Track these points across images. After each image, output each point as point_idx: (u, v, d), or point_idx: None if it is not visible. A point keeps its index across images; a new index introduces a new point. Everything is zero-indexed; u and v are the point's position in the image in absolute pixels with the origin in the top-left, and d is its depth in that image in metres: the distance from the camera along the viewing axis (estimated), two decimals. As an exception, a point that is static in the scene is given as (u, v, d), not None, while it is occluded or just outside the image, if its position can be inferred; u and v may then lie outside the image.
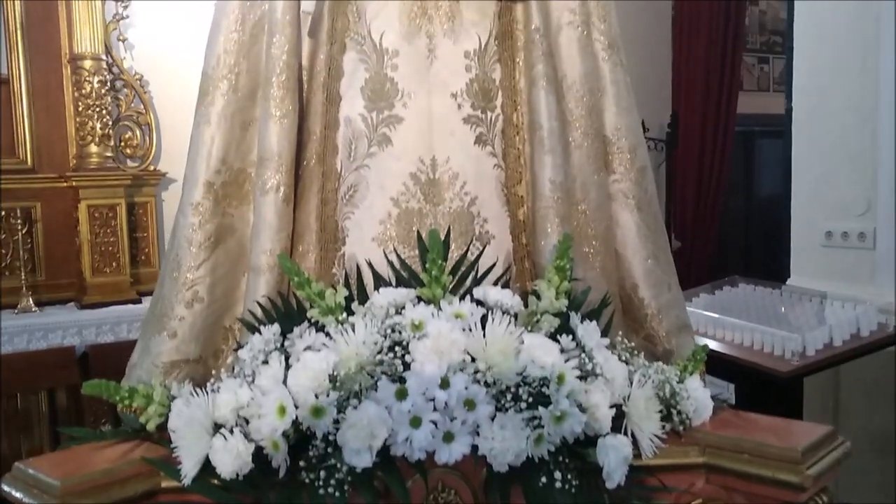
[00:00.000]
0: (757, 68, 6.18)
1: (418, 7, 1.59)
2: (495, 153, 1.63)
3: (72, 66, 3.97)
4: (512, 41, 1.66)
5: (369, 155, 1.57)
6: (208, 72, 1.64)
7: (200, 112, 1.63)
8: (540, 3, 1.64)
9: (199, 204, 1.60)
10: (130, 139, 4.22)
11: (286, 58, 1.58)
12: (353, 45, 1.61)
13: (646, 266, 1.70)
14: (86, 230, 3.94)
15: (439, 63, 1.58)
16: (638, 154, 1.71)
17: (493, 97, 1.64)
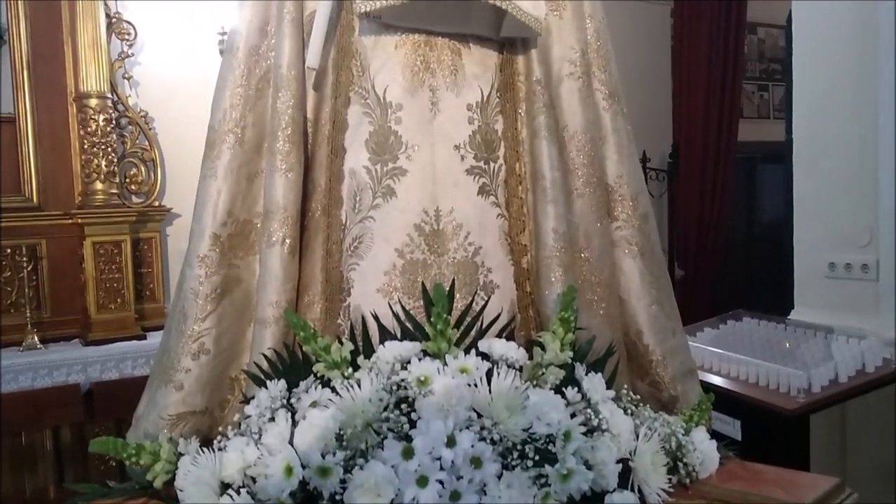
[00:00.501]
0: (757, 96, 6.22)
1: (421, 61, 1.61)
2: (498, 203, 1.65)
3: (77, 104, 4.01)
4: (514, 92, 1.68)
5: (374, 207, 1.59)
6: (215, 126, 1.66)
7: (207, 165, 1.65)
8: (541, 55, 1.66)
9: (205, 256, 1.61)
10: (135, 175, 4.25)
11: (292, 112, 1.60)
12: (358, 99, 1.63)
13: (650, 312, 1.71)
14: (91, 267, 3.96)
15: (442, 116, 1.60)
16: (640, 201, 1.73)
17: (496, 148, 1.66)
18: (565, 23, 1.68)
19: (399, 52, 1.61)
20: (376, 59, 1.62)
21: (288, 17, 1.62)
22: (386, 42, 1.61)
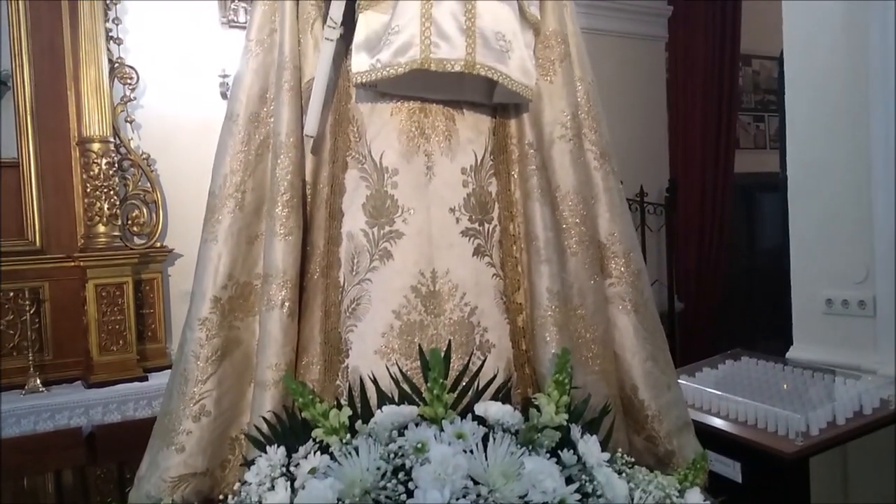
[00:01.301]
0: (753, 126, 6.28)
1: (416, 127, 1.65)
2: (493, 263, 1.68)
3: (80, 148, 4.07)
4: (507, 155, 1.72)
5: (371, 269, 1.62)
6: (215, 191, 1.69)
7: (208, 230, 1.69)
8: (532, 118, 1.70)
9: (206, 319, 1.64)
10: (137, 217, 4.30)
11: (291, 178, 1.64)
12: (355, 164, 1.67)
13: (645, 367, 1.73)
14: (93, 309, 3.99)
15: (438, 180, 1.64)
16: (632, 258, 1.76)
17: (490, 209, 1.69)
18: (556, 87, 1.72)
19: (395, 118, 1.65)
20: (373, 126, 1.66)
21: (286, 86, 1.66)
22: (382, 109, 1.65)
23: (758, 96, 6.32)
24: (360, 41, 1.59)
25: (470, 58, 1.52)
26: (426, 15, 1.51)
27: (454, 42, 1.51)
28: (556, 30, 1.73)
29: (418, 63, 1.52)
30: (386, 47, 1.53)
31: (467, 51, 1.51)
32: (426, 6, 1.52)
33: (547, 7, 1.72)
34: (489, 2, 1.55)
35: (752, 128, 6.29)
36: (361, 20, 1.61)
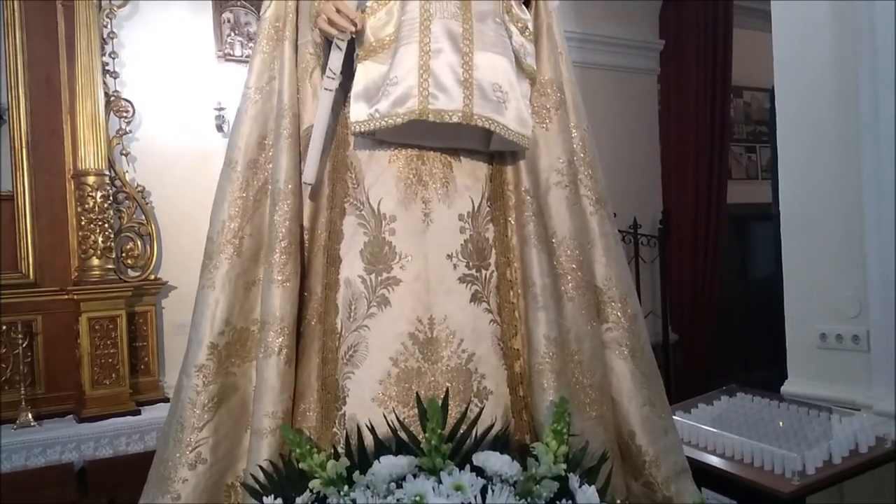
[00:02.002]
0: (745, 157, 6.33)
1: (414, 174, 1.66)
2: (491, 309, 1.69)
3: (75, 181, 4.07)
4: (503, 201, 1.74)
5: (369, 316, 1.62)
6: (213, 237, 1.70)
7: (205, 276, 1.69)
8: (529, 165, 1.72)
9: (203, 366, 1.64)
10: (132, 249, 4.28)
11: (289, 224, 1.65)
12: (353, 210, 1.68)
13: (642, 413, 1.73)
14: (86, 343, 3.96)
15: (435, 226, 1.65)
16: (629, 302, 1.77)
17: (487, 255, 1.70)
18: (552, 134, 1.74)
19: (393, 165, 1.66)
20: (371, 173, 1.67)
21: (285, 133, 1.68)
22: (380, 156, 1.67)
23: (749, 127, 6.38)
24: (359, 91, 1.61)
25: (468, 109, 1.53)
26: (424, 67, 1.53)
27: (452, 94, 1.53)
28: (551, 78, 1.76)
29: (416, 114, 1.53)
30: (384, 97, 1.55)
31: (465, 102, 1.53)
32: (424, 58, 1.54)
33: (543, 56, 1.75)
34: (486, 54, 1.57)
35: (744, 158, 6.34)
36: (360, 70, 1.63)
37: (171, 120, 4.46)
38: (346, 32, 1.60)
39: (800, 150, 3.61)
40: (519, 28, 1.68)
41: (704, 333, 5.38)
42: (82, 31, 4.04)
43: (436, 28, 1.55)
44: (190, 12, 4.51)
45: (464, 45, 1.55)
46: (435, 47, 1.54)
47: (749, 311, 6.20)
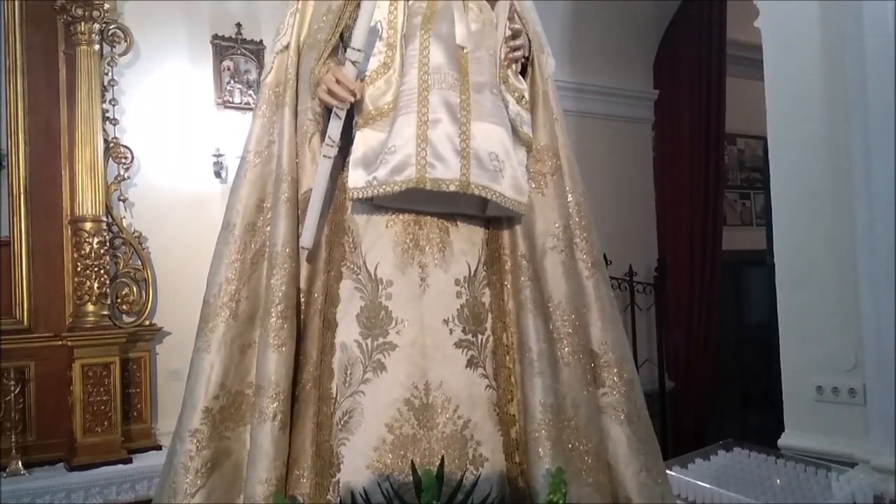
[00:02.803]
0: (739, 203, 6.38)
1: (411, 239, 1.67)
2: (487, 374, 1.69)
3: (72, 227, 4.07)
4: (500, 265, 1.75)
5: (364, 381, 1.62)
6: (210, 300, 1.70)
7: (201, 339, 1.69)
8: (525, 230, 1.73)
9: (196, 431, 1.63)
10: (127, 295, 4.27)
11: (285, 288, 1.65)
12: (349, 274, 1.68)
13: (639, 479, 1.72)
14: (79, 390, 3.93)
15: (431, 291, 1.66)
16: (625, 367, 1.77)
17: (484, 320, 1.71)
18: (547, 199, 1.75)
19: (390, 230, 1.68)
20: (368, 237, 1.68)
21: (283, 198, 1.69)
22: (377, 221, 1.68)
23: (743, 174, 6.44)
24: (358, 157, 1.63)
25: (464, 178, 1.55)
26: (422, 136, 1.56)
27: (449, 163, 1.55)
28: (547, 144, 1.78)
29: (414, 182, 1.55)
30: (383, 165, 1.57)
31: (462, 171, 1.55)
32: (422, 128, 1.56)
33: (539, 123, 1.77)
34: (483, 124, 1.59)
35: (738, 205, 6.38)
36: (359, 137, 1.65)
37: (169, 166, 4.48)
38: (346, 102, 1.63)
39: (793, 201, 3.62)
40: (515, 97, 1.71)
41: (700, 381, 5.36)
42: (83, 79, 4.08)
43: (434, 99, 1.58)
44: (190, 60, 4.56)
45: (461, 115, 1.58)
46: (433, 117, 1.57)
47: (744, 358, 6.19)
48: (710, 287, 5.41)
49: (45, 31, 4.12)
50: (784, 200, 3.65)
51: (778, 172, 3.67)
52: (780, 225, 3.65)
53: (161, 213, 4.42)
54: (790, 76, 3.57)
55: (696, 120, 5.47)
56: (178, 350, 4.34)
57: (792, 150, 3.62)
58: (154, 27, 4.45)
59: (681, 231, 5.42)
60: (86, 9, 4.04)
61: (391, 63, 1.67)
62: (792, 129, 3.62)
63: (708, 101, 5.46)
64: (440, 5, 1.66)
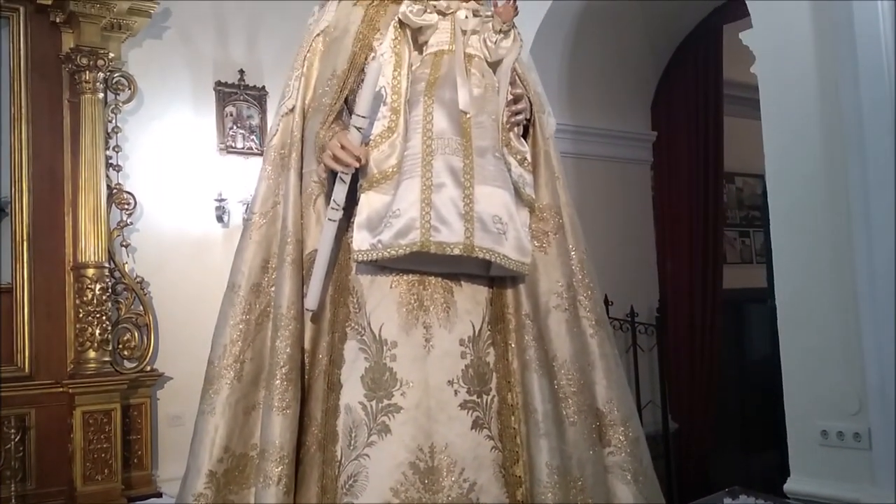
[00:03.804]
0: (739, 241, 6.40)
1: (415, 299, 1.68)
2: (492, 436, 1.68)
3: (75, 273, 4.08)
4: (504, 324, 1.75)
5: (369, 444, 1.62)
6: (214, 361, 1.71)
7: (205, 401, 1.69)
8: (528, 289, 1.74)
9: (200, 495, 1.63)
10: (129, 341, 4.27)
11: (290, 350, 1.66)
12: (354, 335, 1.69)
13: (646, 539, 1.71)
14: (79, 437, 3.92)
15: (436, 352, 1.66)
16: (630, 425, 1.77)
17: (489, 380, 1.71)
18: (551, 258, 1.77)
19: (394, 291, 1.69)
20: (372, 298, 1.69)
21: (289, 259, 1.71)
22: (382, 281, 1.69)
23: (742, 212, 6.46)
24: (362, 220, 1.65)
25: (468, 241, 1.57)
26: (426, 201, 1.57)
27: (453, 227, 1.56)
28: (549, 203, 1.80)
29: (418, 246, 1.57)
30: (387, 229, 1.59)
31: (466, 235, 1.57)
32: (426, 192, 1.58)
33: (541, 182, 1.79)
34: (486, 187, 1.61)
35: (738, 243, 6.40)
36: (363, 200, 1.67)
37: (171, 211, 4.51)
38: (351, 168, 1.65)
39: (792, 240, 3.62)
40: (518, 160, 1.73)
41: (704, 421, 5.33)
42: (87, 127, 4.12)
43: (437, 164, 1.60)
44: (193, 106, 4.61)
45: (465, 179, 1.60)
46: (437, 182, 1.59)
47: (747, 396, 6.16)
48: (712, 327, 5.40)
49: (50, 80, 4.17)
50: (783, 239, 3.66)
51: (777, 212, 3.68)
52: (780, 264, 3.66)
53: (163, 257, 4.44)
54: (787, 117, 3.60)
55: (695, 160, 5.51)
56: (179, 395, 4.33)
57: (790, 189, 3.63)
58: (158, 74, 4.51)
59: (681, 271, 5.43)
60: (91, 58, 4.09)
61: (395, 127, 1.69)
62: (790, 170, 3.64)
63: (706, 141, 5.50)
64: (443, 71, 1.69)
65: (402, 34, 1.77)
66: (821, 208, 3.51)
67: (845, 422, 3.37)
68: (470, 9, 1.74)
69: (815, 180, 3.50)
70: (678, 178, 5.53)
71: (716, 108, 5.49)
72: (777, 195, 3.68)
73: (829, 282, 3.48)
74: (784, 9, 3.56)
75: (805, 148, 3.54)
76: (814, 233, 3.55)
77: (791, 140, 3.60)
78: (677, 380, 5.23)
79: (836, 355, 3.42)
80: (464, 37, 1.71)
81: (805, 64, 3.51)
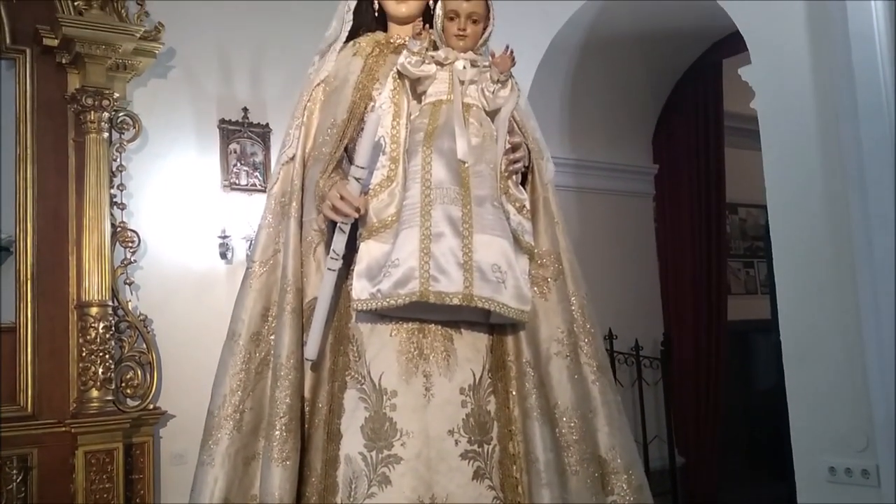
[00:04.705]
0: (743, 272, 6.39)
1: (415, 347, 1.68)
2: (494, 486, 1.67)
3: (78, 312, 4.08)
4: (505, 372, 1.75)
5: (369, 495, 1.60)
6: (214, 412, 1.70)
7: (205, 452, 1.69)
8: (529, 336, 1.74)
9: (200, 547, 1.61)
10: (132, 379, 4.25)
11: (290, 401, 1.65)
12: (354, 384, 1.68)
13: (650, 587, 1.69)
14: (81, 478, 3.89)
15: (436, 401, 1.66)
16: (634, 473, 1.75)
17: (489, 429, 1.70)
18: (551, 304, 1.76)
19: (394, 339, 1.68)
20: (372, 346, 1.69)
21: (288, 308, 1.71)
22: (381, 330, 1.69)
23: (746, 243, 6.46)
24: (362, 269, 1.65)
25: (468, 291, 1.57)
26: (425, 250, 1.58)
27: (452, 276, 1.57)
28: (549, 249, 1.80)
29: (417, 296, 1.57)
30: (386, 278, 1.59)
31: (465, 284, 1.57)
32: (425, 242, 1.58)
33: (540, 228, 1.80)
34: (485, 236, 1.62)
35: (742, 273, 6.38)
36: (363, 248, 1.68)
37: (175, 248, 4.51)
38: (350, 218, 1.66)
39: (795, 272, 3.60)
40: (517, 207, 1.74)
41: (711, 455, 5.28)
42: (92, 166, 4.15)
43: (436, 213, 1.61)
44: (197, 144, 4.65)
45: (464, 228, 1.61)
46: (436, 231, 1.59)
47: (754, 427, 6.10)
48: (717, 359, 5.37)
49: (55, 120, 4.20)
50: (786, 272, 3.65)
51: (779, 247, 3.68)
52: (784, 299, 3.64)
53: (166, 294, 4.44)
54: (788, 152, 3.61)
55: (697, 192, 5.52)
56: (181, 433, 4.31)
57: (792, 225, 3.63)
58: (162, 113, 4.54)
59: (685, 302, 5.41)
60: (96, 98, 4.13)
61: (394, 176, 1.71)
62: (791, 205, 3.64)
63: (707, 173, 5.52)
64: (442, 121, 1.70)
65: (400, 84, 1.79)
66: (823, 243, 3.50)
67: (853, 458, 3.34)
68: (468, 59, 1.76)
69: (817, 216, 3.50)
70: (680, 210, 5.53)
71: (717, 140, 5.51)
72: (779, 231, 3.68)
73: (833, 316, 3.46)
74: (782, 45, 3.59)
75: (806, 182, 3.55)
76: (816, 266, 3.54)
77: (792, 174, 3.61)
78: (683, 413, 5.19)
79: (843, 391, 3.40)
80: (462, 87, 1.73)
81: (804, 99, 3.53)
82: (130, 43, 4.23)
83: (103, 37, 4.12)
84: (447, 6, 1.76)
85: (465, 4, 1.75)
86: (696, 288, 5.44)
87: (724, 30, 4.23)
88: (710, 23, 4.28)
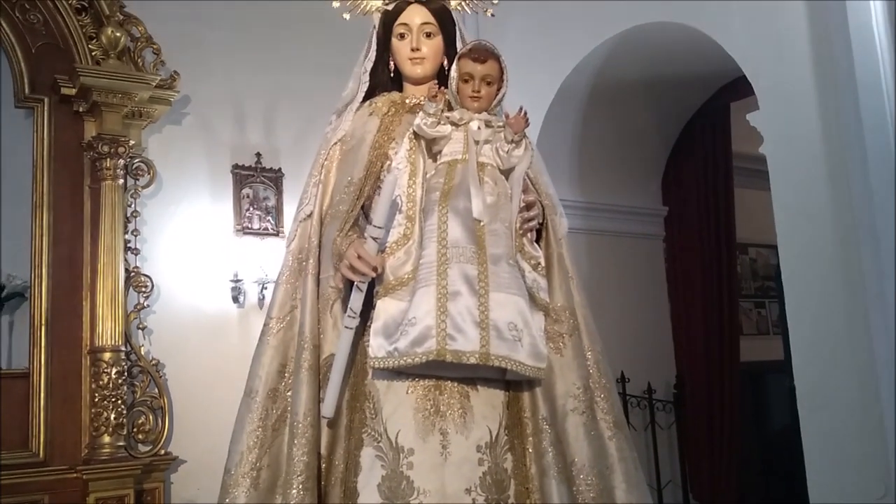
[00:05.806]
0: (754, 312, 6.36)
1: (431, 405, 1.69)
2: (511, 544, 1.66)
3: (91, 357, 4.09)
4: (521, 428, 1.75)
5: (387, 555, 1.60)
6: (231, 469, 1.71)
7: (222, 510, 1.68)
8: (545, 392, 1.74)
9: None
10: (143, 424, 4.24)
11: (307, 459, 1.66)
12: (370, 441, 1.69)
13: None
14: (92, 525, 3.87)
15: (453, 459, 1.66)
16: (652, 530, 1.74)
17: (507, 487, 1.70)
18: (566, 359, 1.77)
19: (411, 396, 1.69)
20: (389, 403, 1.69)
21: (305, 365, 1.72)
22: (398, 387, 1.70)
23: (757, 283, 6.44)
24: (378, 327, 1.66)
25: (484, 350, 1.58)
26: (442, 309, 1.59)
27: (469, 335, 1.58)
28: (564, 305, 1.81)
29: (434, 354, 1.58)
30: (403, 336, 1.60)
31: (482, 343, 1.58)
32: (442, 300, 1.60)
33: (555, 284, 1.81)
34: (501, 295, 1.63)
35: (753, 314, 6.35)
36: (380, 306, 1.69)
37: (188, 292, 4.54)
38: (367, 277, 1.68)
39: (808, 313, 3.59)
40: (532, 265, 1.75)
41: (726, 499, 5.20)
42: (107, 212, 4.19)
43: (452, 272, 1.62)
44: (211, 189, 4.69)
45: (480, 287, 1.62)
46: (452, 290, 1.61)
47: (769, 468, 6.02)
48: (731, 400, 5.32)
49: (71, 167, 4.26)
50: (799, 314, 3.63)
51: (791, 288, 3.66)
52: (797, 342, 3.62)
53: (179, 338, 4.45)
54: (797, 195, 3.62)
55: (707, 232, 5.52)
56: (192, 478, 4.28)
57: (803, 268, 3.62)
58: (177, 159, 4.60)
59: (697, 344, 5.38)
60: (112, 146, 4.19)
61: (411, 235, 1.73)
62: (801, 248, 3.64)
63: (717, 215, 5.53)
64: (457, 181, 1.73)
65: (416, 144, 1.82)
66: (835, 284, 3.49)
67: (872, 507, 3.30)
68: (482, 119, 1.80)
69: (828, 259, 3.50)
70: (691, 252, 5.54)
71: (726, 182, 5.53)
72: (791, 274, 3.67)
73: (847, 359, 3.44)
74: (790, 90, 3.62)
75: (816, 225, 3.55)
76: (829, 308, 3.53)
77: (802, 217, 3.62)
78: (697, 457, 5.13)
79: (860, 437, 3.37)
80: (476, 146, 1.76)
81: (813, 143, 3.55)
82: (146, 91, 4.30)
83: (120, 86, 4.21)
84: (462, 68, 1.80)
85: (480, 67, 1.78)
86: (708, 329, 5.42)
87: (731, 73, 4.27)
88: (717, 68, 4.33)
